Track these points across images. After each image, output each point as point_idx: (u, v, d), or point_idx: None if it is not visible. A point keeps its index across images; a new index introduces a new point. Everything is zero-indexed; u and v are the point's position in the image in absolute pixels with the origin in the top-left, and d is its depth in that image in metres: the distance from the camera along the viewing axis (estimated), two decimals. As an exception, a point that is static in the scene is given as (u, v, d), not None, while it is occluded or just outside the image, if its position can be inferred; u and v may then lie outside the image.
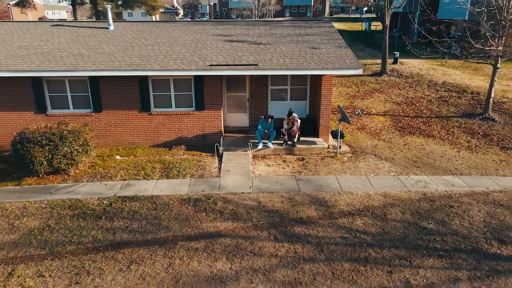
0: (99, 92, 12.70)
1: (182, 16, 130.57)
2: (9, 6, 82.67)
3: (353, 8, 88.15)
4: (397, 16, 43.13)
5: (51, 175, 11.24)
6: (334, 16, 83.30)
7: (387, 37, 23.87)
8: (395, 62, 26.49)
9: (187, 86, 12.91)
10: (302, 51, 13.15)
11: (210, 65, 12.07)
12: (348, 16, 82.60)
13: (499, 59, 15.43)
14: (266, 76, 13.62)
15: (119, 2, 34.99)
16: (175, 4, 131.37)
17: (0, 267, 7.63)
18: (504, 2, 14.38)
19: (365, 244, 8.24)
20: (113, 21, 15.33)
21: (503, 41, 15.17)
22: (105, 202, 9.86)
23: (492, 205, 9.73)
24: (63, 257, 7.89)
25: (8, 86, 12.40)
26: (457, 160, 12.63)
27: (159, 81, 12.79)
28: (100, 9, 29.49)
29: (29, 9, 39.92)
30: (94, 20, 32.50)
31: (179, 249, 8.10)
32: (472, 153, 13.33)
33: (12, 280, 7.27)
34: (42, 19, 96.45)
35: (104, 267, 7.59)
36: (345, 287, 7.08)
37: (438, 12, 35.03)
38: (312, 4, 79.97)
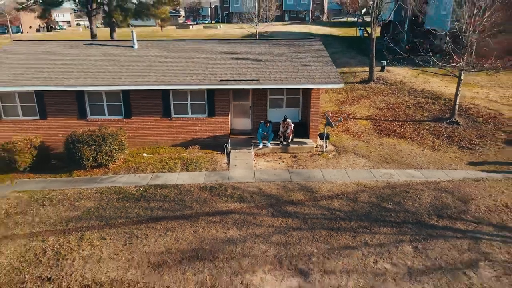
0: (129, 102, 15.59)
1: (184, 17, 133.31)
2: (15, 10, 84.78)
3: (351, 11, 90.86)
4: (389, 23, 45.95)
5: (95, 169, 14.14)
6: (332, 20, 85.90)
7: (374, 48, 26.73)
8: (382, 70, 29.37)
9: (201, 97, 15.80)
10: (295, 68, 16.05)
11: (220, 81, 14.97)
12: (345, 20, 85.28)
13: (462, 72, 18.33)
14: (266, 88, 16.48)
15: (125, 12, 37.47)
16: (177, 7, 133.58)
17: (73, 233, 10.54)
18: (464, 27, 17.27)
19: (338, 218, 11.14)
20: (137, 40, 18.21)
21: (465, 58, 18.05)
22: (141, 189, 12.77)
23: (439, 191, 12.63)
24: (117, 227, 10.79)
25: (57, 97, 15.29)
26: (420, 157, 15.52)
27: (178, 92, 15.67)
28: (114, 20, 32.32)
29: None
30: (106, 28, 35.20)
31: (201, 221, 11.00)
32: (434, 151, 16.23)
33: (83, 241, 10.17)
34: (49, 23, 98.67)
35: (147, 233, 10.49)
36: (321, 246, 9.97)
37: (425, 22, 37.91)
38: (311, 10, 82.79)
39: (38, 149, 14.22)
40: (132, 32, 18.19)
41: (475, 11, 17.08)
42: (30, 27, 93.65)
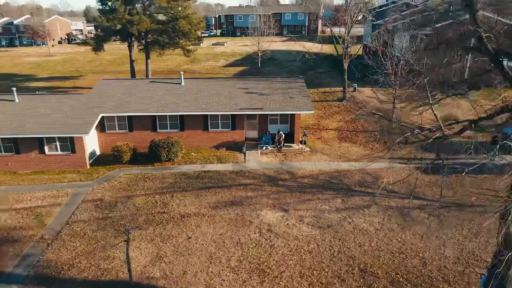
0: (183, 121, 25.34)
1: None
2: (44, 23, 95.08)
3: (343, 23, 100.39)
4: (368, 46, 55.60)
5: (166, 162, 23.90)
6: (325, 34, 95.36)
7: (346, 77, 36.42)
8: (354, 90, 39.09)
9: (227, 118, 25.51)
10: (285, 100, 25.81)
11: (240, 109, 24.75)
12: (338, 33, 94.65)
13: (395, 100, 28.08)
14: (267, 113, 26.18)
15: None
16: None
17: (166, 194, 20.31)
18: (392, 68, 27.02)
19: (306, 187, 20.90)
20: (184, 78, 27.98)
21: (396, 90, 27.78)
22: (196, 173, 22.55)
23: (365, 174, 22.36)
24: (189, 191, 20.57)
25: (139, 118, 25.03)
26: (361, 155, 25.28)
27: (213, 115, 25.39)
28: (150, 50, 42.10)
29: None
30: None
31: (232, 189, 20.77)
32: (371, 151, 25.98)
33: (174, 197, 19.95)
34: (70, 35, 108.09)
35: (206, 194, 20.26)
36: (295, 199, 19.70)
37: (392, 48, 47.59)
38: (306, 25, 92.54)
39: (132, 150, 23.98)
40: (180, 74, 27.97)
41: (399, 65, 26.85)
42: (53, 39, 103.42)
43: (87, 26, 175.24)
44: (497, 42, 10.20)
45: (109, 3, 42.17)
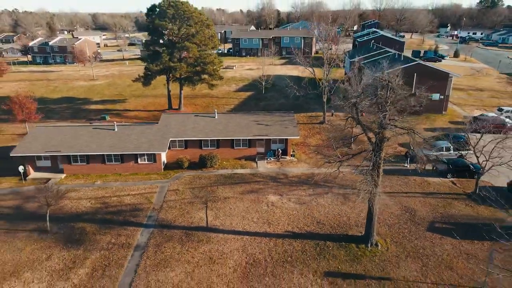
0: (219, 142, 40.85)
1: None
2: (74, 46, 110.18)
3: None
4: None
5: (209, 168, 39.43)
6: (318, 54, 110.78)
7: (325, 106, 51.82)
8: (332, 115, 54.52)
9: (245, 140, 40.98)
10: (281, 129, 41.35)
11: (253, 135, 40.31)
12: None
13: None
14: (270, 138, 41.56)
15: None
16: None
17: (214, 186, 35.85)
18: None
19: (293, 182, 36.45)
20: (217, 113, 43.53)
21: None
22: (229, 174, 38.11)
23: (328, 175, 37.80)
24: (226, 185, 36.12)
25: (192, 141, 40.52)
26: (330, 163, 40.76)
27: (237, 139, 40.87)
28: (184, 84, 57.63)
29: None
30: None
31: (250, 183, 36.33)
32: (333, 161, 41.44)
33: (218, 188, 35.49)
34: (95, 53, 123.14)
35: (236, 186, 35.81)
36: (287, 189, 35.23)
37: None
38: (302, 47, 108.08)
39: (188, 160, 39.47)
40: (215, 110, 43.46)
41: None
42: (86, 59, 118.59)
43: (103, 38, 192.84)
44: (364, 120, 25.91)
45: (151, 47, 57.91)
